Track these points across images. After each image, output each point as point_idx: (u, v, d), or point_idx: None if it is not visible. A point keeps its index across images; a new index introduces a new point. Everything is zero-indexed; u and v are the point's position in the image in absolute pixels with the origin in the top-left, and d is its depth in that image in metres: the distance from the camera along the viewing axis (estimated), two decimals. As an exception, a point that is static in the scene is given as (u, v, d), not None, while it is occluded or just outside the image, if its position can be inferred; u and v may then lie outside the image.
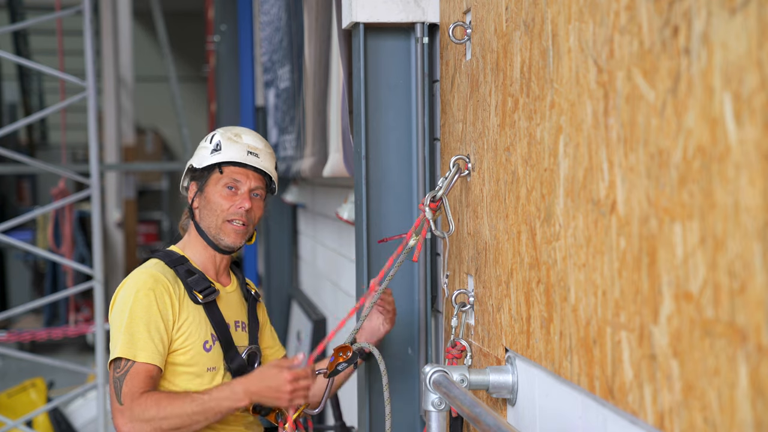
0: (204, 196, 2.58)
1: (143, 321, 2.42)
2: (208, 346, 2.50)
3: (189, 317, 2.49)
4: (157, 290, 2.46)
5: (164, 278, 2.49)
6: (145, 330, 2.42)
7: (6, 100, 12.92)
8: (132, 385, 2.38)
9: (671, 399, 1.36)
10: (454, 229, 2.42)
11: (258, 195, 2.59)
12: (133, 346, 2.41)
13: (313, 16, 4.00)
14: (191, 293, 2.50)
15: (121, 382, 2.39)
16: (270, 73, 5.77)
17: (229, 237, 2.56)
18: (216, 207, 2.55)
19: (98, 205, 5.79)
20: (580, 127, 1.67)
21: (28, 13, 12.08)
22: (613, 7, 1.53)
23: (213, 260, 2.61)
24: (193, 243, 2.62)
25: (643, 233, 1.44)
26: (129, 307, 2.44)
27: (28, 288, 11.54)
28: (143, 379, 2.39)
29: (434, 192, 2.35)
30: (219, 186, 2.56)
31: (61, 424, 6.55)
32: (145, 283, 2.46)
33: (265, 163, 2.60)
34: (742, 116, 1.17)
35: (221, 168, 2.56)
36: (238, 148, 2.57)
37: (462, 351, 2.36)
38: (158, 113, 14.20)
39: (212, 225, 2.57)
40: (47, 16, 6.69)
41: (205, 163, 2.57)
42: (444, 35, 2.59)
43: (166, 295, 2.46)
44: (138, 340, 2.41)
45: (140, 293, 2.45)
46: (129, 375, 2.39)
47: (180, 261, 2.56)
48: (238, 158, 2.56)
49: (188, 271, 2.54)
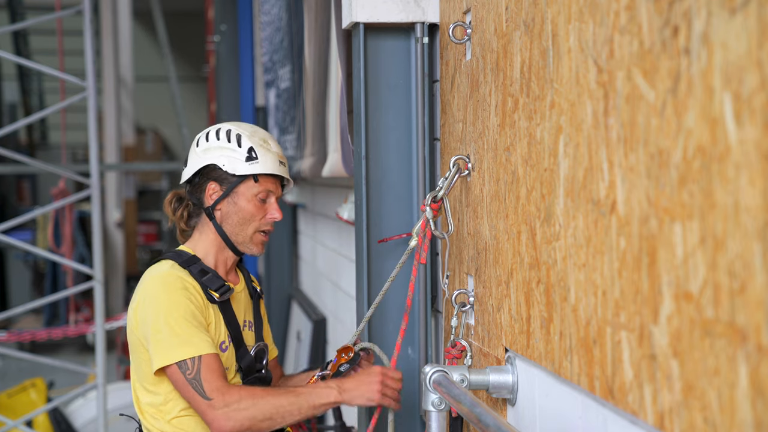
0: (233, 202, 2.54)
1: (185, 318, 2.39)
2: (224, 346, 2.48)
3: (211, 317, 2.48)
4: (187, 289, 2.44)
5: (188, 278, 2.47)
6: (191, 326, 2.39)
7: (6, 100, 12.92)
8: (213, 378, 2.35)
9: (671, 399, 1.36)
10: (453, 229, 2.42)
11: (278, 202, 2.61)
12: (190, 344, 2.37)
13: (313, 16, 4.00)
14: (207, 292, 2.49)
15: (200, 380, 2.35)
16: (271, 73, 5.77)
17: (257, 247, 2.57)
18: (249, 217, 2.53)
19: (98, 205, 5.79)
20: (580, 127, 1.67)
21: (28, 13, 12.09)
22: (613, 7, 1.53)
23: (225, 260, 2.59)
24: (207, 243, 2.58)
25: (643, 233, 1.44)
26: (165, 308, 2.40)
27: (28, 288, 11.54)
28: (218, 369, 2.37)
29: (435, 192, 2.35)
30: (251, 194, 2.53)
31: (61, 424, 6.55)
32: (175, 284, 2.44)
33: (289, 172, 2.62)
34: (742, 116, 1.17)
35: (257, 177, 2.53)
36: (272, 159, 2.55)
37: (462, 351, 2.36)
38: (158, 113, 14.20)
39: (240, 233, 2.55)
40: (47, 16, 6.69)
41: (242, 171, 2.52)
42: (444, 35, 2.59)
43: (196, 293, 2.45)
44: (192, 336, 2.38)
45: (173, 294, 2.42)
46: (204, 370, 2.36)
47: (192, 261, 2.54)
48: (274, 170, 2.54)
49: (202, 271, 2.52)
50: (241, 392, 2.35)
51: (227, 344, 2.49)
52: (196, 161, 2.58)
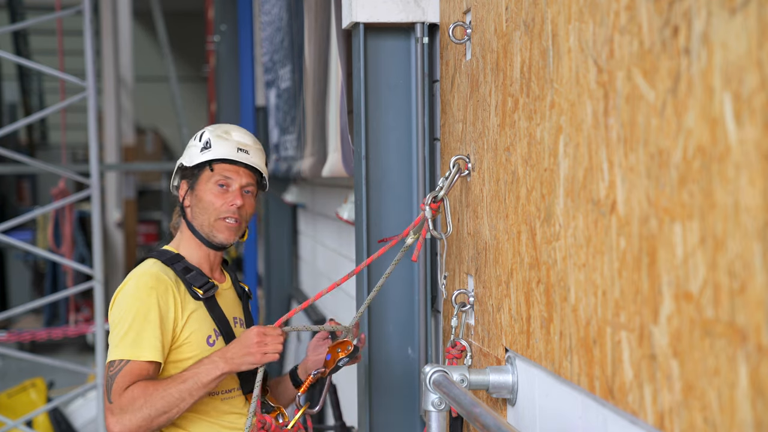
0: (195, 195, 2.57)
1: (146, 320, 2.42)
2: (212, 340, 2.50)
3: (192, 314, 2.49)
4: (159, 289, 2.46)
5: (165, 277, 2.49)
6: (149, 329, 2.41)
7: (6, 100, 12.92)
8: (123, 382, 2.38)
9: (671, 399, 1.36)
10: (451, 230, 2.42)
11: (249, 192, 2.59)
12: (136, 347, 2.40)
13: (313, 16, 4.00)
14: (191, 289, 2.51)
15: (113, 380, 2.39)
16: (271, 73, 5.76)
17: (222, 234, 2.56)
18: (208, 205, 2.55)
19: (98, 205, 5.80)
20: (580, 127, 1.67)
21: (28, 13, 12.09)
22: (613, 7, 1.53)
23: (207, 258, 2.61)
24: (186, 241, 2.61)
25: (643, 233, 1.44)
26: (130, 308, 2.44)
27: (28, 288, 11.54)
28: (138, 376, 2.39)
29: (435, 192, 2.35)
30: (210, 184, 2.55)
31: (61, 424, 6.55)
32: (147, 283, 2.46)
33: (255, 160, 2.59)
34: (742, 116, 1.17)
35: (212, 166, 2.55)
36: (228, 145, 2.56)
37: (462, 351, 2.36)
38: (158, 113, 14.20)
39: (205, 223, 2.56)
40: (47, 16, 6.70)
41: (196, 161, 2.56)
42: (444, 35, 2.59)
43: (169, 293, 2.47)
44: (143, 339, 2.41)
45: (141, 292, 2.45)
46: (122, 372, 2.38)
47: (176, 259, 2.56)
48: (228, 155, 2.55)
49: (185, 269, 2.54)
50: (134, 392, 2.36)
51: (214, 338, 2.51)
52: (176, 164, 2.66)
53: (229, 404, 2.55)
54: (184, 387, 2.37)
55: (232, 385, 2.55)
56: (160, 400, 2.35)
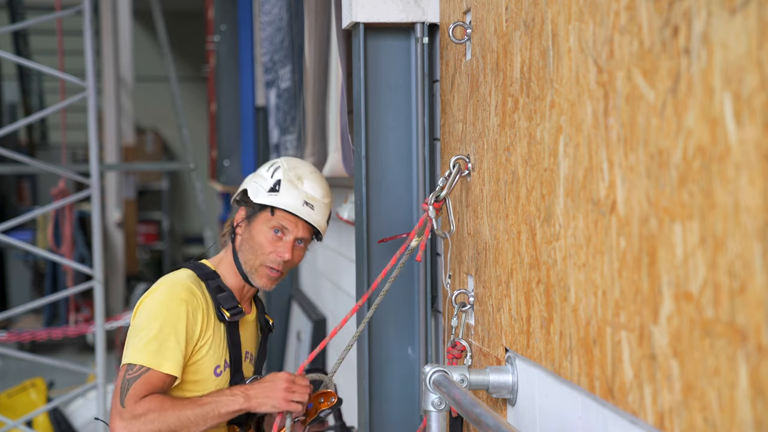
0: (250, 229, 2.54)
1: (173, 331, 2.38)
2: (219, 371, 2.47)
3: (212, 336, 2.46)
4: (191, 303, 2.42)
5: (198, 291, 2.46)
6: (174, 340, 2.38)
7: (6, 100, 12.92)
8: (140, 390, 2.34)
9: (671, 399, 1.36)
10: (455, 229, 2.42)
11: (302, 243, 2.58)
12: (159, 356, 2.36)
13: (313, 16, 4.00)
14: (219, 310, 2.48)
15: (130, 384, 2.34)
16: (271, 73, 5.76)
17: (261, 280, 2.54)
18: (258, 247, 2.52)
19: (98, 205, 5.79)
20: (580, 127, 1.67)
21: (28, 13, 12.08)
22: (613, 7, 1.53)
23: (241, 287, 2.59)
24: (227, 265, 2.59)
25: (643, 233, 1.44)
26: (161, 315, 2.40)
27: (28, 288, 11.54)
28: (154, 386, 2.35)
29: (437, 192, 2.35)
30: (266, 226, 2.52)
31: (61, 424, 6.55)
32: (179, 294, 2.43)
33: (317, 217, 2.56)
34: (742, 116, 1.17)
35: (273, 210, 2.52)
36: (296, 196, 2.53)
37: (462, 351, 2.36)
38: (158, 113, 14.19)
39: (249, 262, 2.54)
40: (47, 16, 6.70)
41: (260, 200, 2.53)
42: (444, 35, 2.59)
43: (199, 310, 2.44)
44: (166, 350, 2.37)
45: (173, 302, 2.41)
46: (141, 380, 2.34)
47: (211, 276, 2.54)
48: (292, 208, 2.52)
49: (218, 287, 2.51)
50: (151, 404, 2.32)
51: (222, 369, 2.48)
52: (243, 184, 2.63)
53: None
54: (200, 412, 2.33)
55: None
56: (173, 419, 2.31)
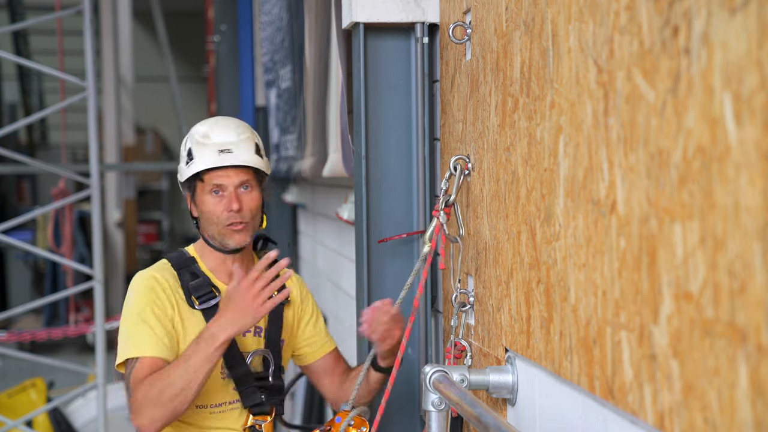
0: (197, 207, 2.54)
1: (143, 317, 2.42)
2: None
3: (186, 321, 2.47)
4: (154, 289, 2.46)
5: (164, 280, 2.48)
6: (146, 326, 2.41)
7: (6, 100, 12.92)
8: (137, 377, 2.36)
9: (671, 399, 1.36)
10: (464, 233, 2.42)
11: (248, 187, 2.49)
12: (139, 344, 2.40)
13: (313, 16, 4.00)
14: (189, 299, 2.49)
15: (129, 380, 2.39)
16: (271, 73, 5.76)
17: (232, 239, 2.51)
18: (210, 215, 2.50)
19: (98, 205, 5.79)
20: (580, 127, 1.67)
21: (28, 13, 12.08)
22: (613, 7, 1.53)
23: (223, 262, 2.56)
24: (205, 246, 2.59)
25: (643, 233, 1.44)
26: (131, 308, 2.45)
27: (28, 288, 11.54)
28: (150, 369, 2.37)
29: (447, 197, 2.36)
30: (205, 194, 2.50)
31: (61, 424, 6.55)
32: (143, 283, 2.48)
33: (242, 156, 2.48)
34: (742, 116, 1.17)
35: (201, 177, 2.50)
36: (209, 152, 2.48)
37: (462, 351, 2.36)
38: (158, 113, 14.19)
39: (214, 232, 2.52)
40: (47, 16, 6.69)
41: (185, 175, 2.52)
42: (444, 35, 2.59)
43: (163, 293, 2.46)
44: (143, 336, 2.40)
45: (139, 292, 2.46)
46: (136, 369, 2.38)
47: (187, 263, 2.54)
48: (211, 163, 2.47)
49: (192, 274, 2.52)
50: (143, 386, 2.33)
51: None
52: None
53: (220, 418, 2.50)
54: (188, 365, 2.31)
55: (225, 398, 2.50)
56: (169, 384, 2.31)
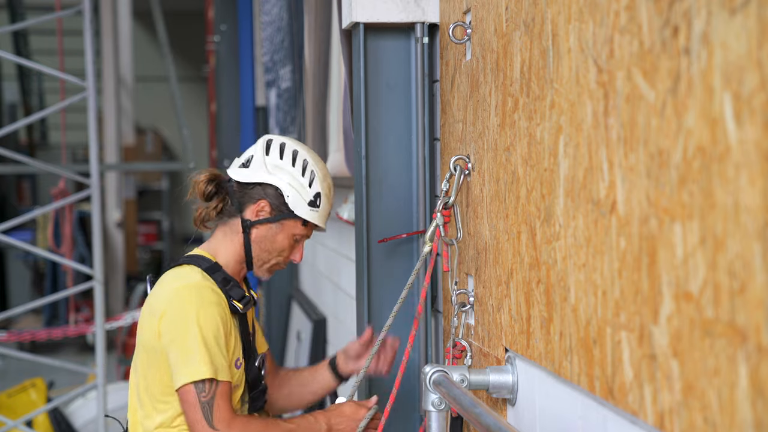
0: (274, 230, 2.48)
1: (215, 337, 2.32)
2: (239, 363, 2.42)
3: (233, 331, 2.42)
4: (220, 305, 2.37)
5: (219, 291, 2.40)
6: (217, 346, 2.32)
7: (6, 100, 12.91)
8: (225, 408, 2.31)
9: (671, 399, 1.36)
10: (462, 236, 2.42)
11: None
12: (213, 366, 2.31)
13: (313, 17, 4.00)
14: (231, 303, 2.42)
15: (212, 405, 2.30)
16: (271, 73, 5.77)
17: (266, 274, 2.54)
18: (278, 250, 2.50)
19: (98, 205, 5.79)
20: (580, 127, 1.67)
21: (28, 13, 12.08)
22: (613, 7, 1.53)
23: (239, 273, 2.53)
24: (230, 252, 2.49)
25: (643, 233, 1.44)
26: (197, 324, 2.32)
27: (28, 288, 11.53)
28: (230, 399, 2.34)
29: (446, 199, 2.36)
30: (293, 234, 2.50)
31: (61, 424, 6.55)
32: (210, 297, 2.36)
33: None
34: (742, 116, 1.17)
35: (306, 222, 2.50)
36: (327, 210, 2.53)
37: (462, 351, 2.36)
38: (158, 113, 14.19)
39: (263, 258, 2.50)
40: (47, 16, 6.69)
41: (300, 213, 2.48)
42: (444, 35, 2.59)
43: (226, 310, 2.39)
44: (216, 358, 2.32)
45: (207, 309, 2.34)
46: (218, 397, 2.31)
47: (215, 268, 2.45)
48: (323, 223, 2.52)
49: (224, 279, 2.45)
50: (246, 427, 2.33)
51: (241, 361, 2.43)
52: (261, 173, 2.48)
53: None
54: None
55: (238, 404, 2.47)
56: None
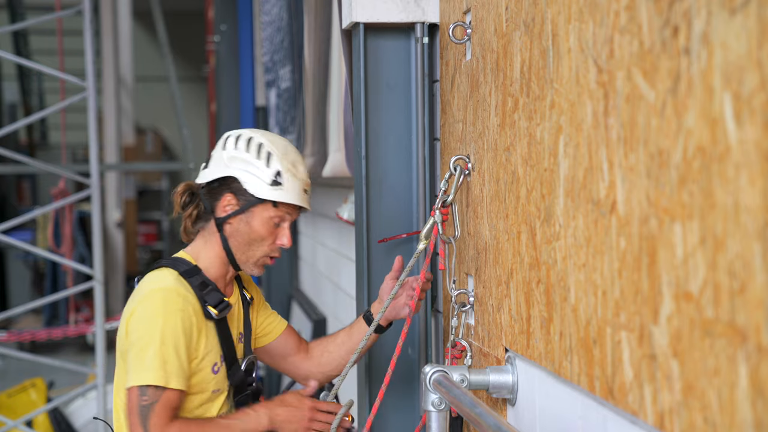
0: (246, 221, 2.41)
1: (173, 345, 2.29)
2: (217, 368, 2.40)
3: (206, 337, 2.38)
4: (186, 311, 2.32)
5: (190, 296, 2.36)
6: (174, 353, 2.29)
7: (6, 100, 12.92)
8: (162, 415, 2.27)
9: (671, 399, 1.36)
10: (459, 234, 2.42)
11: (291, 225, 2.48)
12: (165, 372, 2.27)
13: (313, 17, 4.00)
14: (205, 308, 2.38)
15: (149, 410, 2.26)
16: (271, 73, 5.77)
17: (258, 269, 2.46)
18: (258, 239, 2.41)
19: (98, 205, 5.80)
20: (580, 127, 1.67)
21: (28, 13, 12.08)
22: (613, 7, 1.53)
23: (225, 274, 2.48)
24: (210, 254, 2.45)
25: (643, 233, 1.44)
26: (159, 328, 2.29)
27: (28, 288, 11.53)
28: (173, 408, 2.29)
29: (444, 197, 2.36)
30: (268, 218, 2.41)
31: (61, 424, 6.55)
32: (175, 303, 2.32)
33: (310, 200, 2.49)
34: (742, 116, 1.17)
35: (276, 203, 2.40)
36: (297, 186, 2.41)
37: (462, 351, 2.36)
38: (158, 113, 14.20)
39: (246, 253, 2.43)
40: (47, 16, 6.70)
41: (263, 195, 2.39)
42: (444, 35, 2.59)
43: (194, 316, 2.34)
44: (170, 365, 2.28)
45: (169, 314, 2.30)
46: (160, 404, 2.27)
47: (193, 272, 2.41)
48: (299, 201, 2.41)
49: (202, 284, 2.40)
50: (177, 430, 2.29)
51: (219, 366, 2.40)
52: (220, 168, 2.43)
53: None
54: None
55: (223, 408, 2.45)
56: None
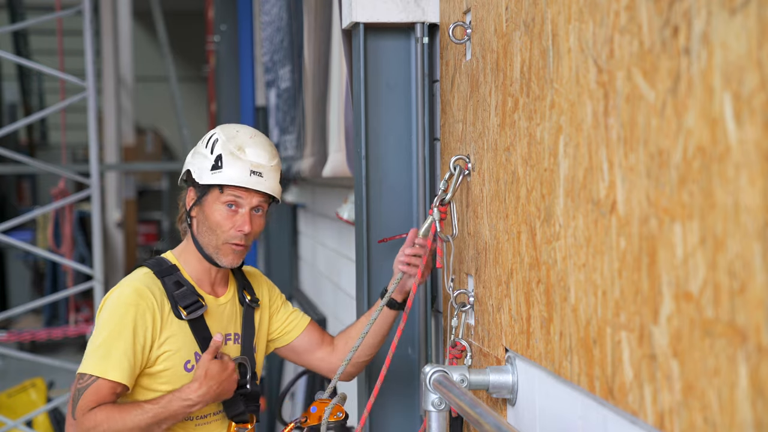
0: (202, 210, 2.43)
1: (120, 338, 2.31)
2: (190, 365, 2.39)
3: (172, 335, 2.37)
4: (139, 306, 2.34)
5: (149, 293, 2.36)
6: (121, 348, 2.31)
7: (6, 100, 12.92)
8: (89, 400, 2.28)
9: (671, 399, 1.36)
10: (457, 233, 2.42)
11: (259, 210, 2.43)
12: (105, 363, 2.30)
13: (313, 17, 4.00)
14: (176, 308, 2.38)
15: (80, 395, 2.29)
16: (271, 73, 5.77)
17: (227, 258, 2.43)
18: (215, 226, 2.41)
19: (98, 205, 5.80)
20: (580, 127, 1.67)
21: (28, 13, 12.09)
22: (613, 7, 1.53)
23: (208, 272, 2.48)
24: (189, 253, 2.48)
25: (643, 233, 1.44)
26: (109, 322, 2.34)
27: (28, 288, 11.54)
28: (104, 395, 2.29)
29: (442, 196, 2.36)
30: (219, 204, 2.40)
31: (61, 424, 6.55)
32: (128, 298, 2.35)
33: (269, 183, 2.42)
34: (742, 116, 1.17)
35: (222, 187, 2.40)
36: (241, 167, 2.39)
37: (462, 351, 2.36)
38: (158, 113, 14.20)
39: (211, 244, 2.43)
40: (47, 16, 6.71)
41: (205, 180, 2.41)
42: (444, 35, 2.59)
43: (149, 312, 2.35)
44: (112, 357, 2.30)
45: (120, 307, 2.34)
46: (90, 389, 2.28)
47: (169, 271, 2.43)
48: (240, 182, 2.38)
49: (176, 283, 2.41)
50: (98, 416, 2.27)
51: (193, 363, 2.39)
52: (185, 167, 2.51)
53: (204, 429, 2.45)
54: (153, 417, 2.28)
55: (209, 410, 2.44)
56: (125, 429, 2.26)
